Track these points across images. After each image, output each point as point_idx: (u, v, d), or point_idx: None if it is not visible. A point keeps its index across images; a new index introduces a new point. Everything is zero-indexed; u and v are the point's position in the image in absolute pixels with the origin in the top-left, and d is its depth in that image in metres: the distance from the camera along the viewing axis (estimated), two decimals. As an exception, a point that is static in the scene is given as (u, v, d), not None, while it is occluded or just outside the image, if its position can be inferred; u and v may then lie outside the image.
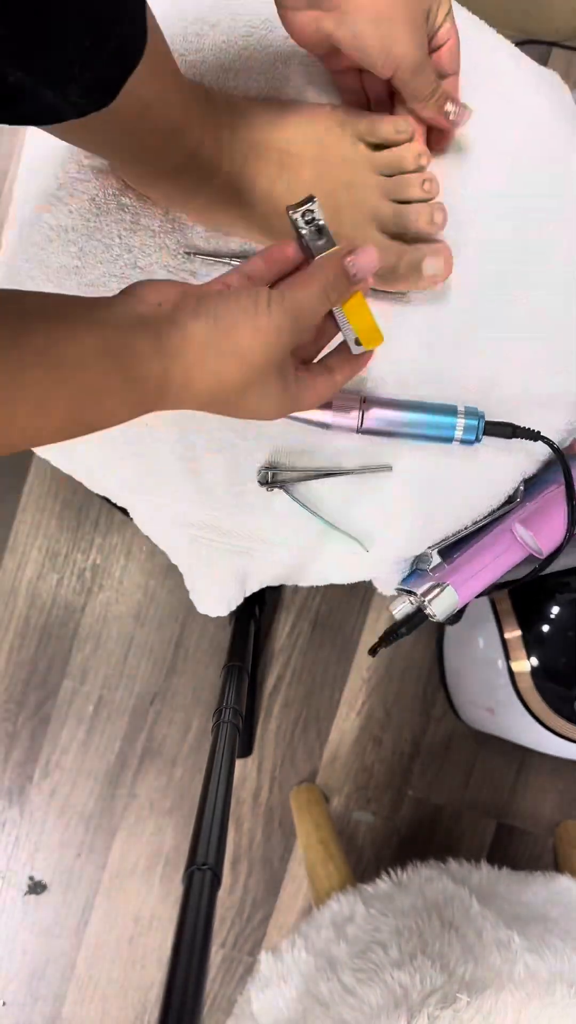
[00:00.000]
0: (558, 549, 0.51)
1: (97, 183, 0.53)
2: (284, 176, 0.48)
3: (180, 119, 0.42)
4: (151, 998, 1.20)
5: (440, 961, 0.63)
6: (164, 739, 1.19)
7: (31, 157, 0.55)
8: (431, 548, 0.57)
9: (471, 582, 0.52)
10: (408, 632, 0.53)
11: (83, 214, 0.53)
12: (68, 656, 1.18)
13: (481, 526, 0.57)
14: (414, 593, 0.53)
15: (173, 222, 0.53)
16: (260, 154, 0.47)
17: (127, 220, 0.53)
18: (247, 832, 1.19)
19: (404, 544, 0.57)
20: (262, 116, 0.48)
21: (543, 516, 0.52)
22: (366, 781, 1.20)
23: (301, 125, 0.49)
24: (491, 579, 0.53)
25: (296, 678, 1.19)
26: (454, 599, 0.52)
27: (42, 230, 0.53)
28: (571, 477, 0.50)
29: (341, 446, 0.55)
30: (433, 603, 0.52)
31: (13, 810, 1.19)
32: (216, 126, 0.45)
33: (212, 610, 0.62)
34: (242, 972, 1.20)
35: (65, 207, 0.53)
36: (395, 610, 0.55)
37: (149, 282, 0.38)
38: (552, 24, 1.10)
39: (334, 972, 0.67)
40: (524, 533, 0.52)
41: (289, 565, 0.59)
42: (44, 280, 0.54)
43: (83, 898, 1.19)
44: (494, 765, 1.21)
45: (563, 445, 0.58)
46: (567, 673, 0.96)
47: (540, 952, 0.64)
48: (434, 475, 0.55)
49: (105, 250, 0.53)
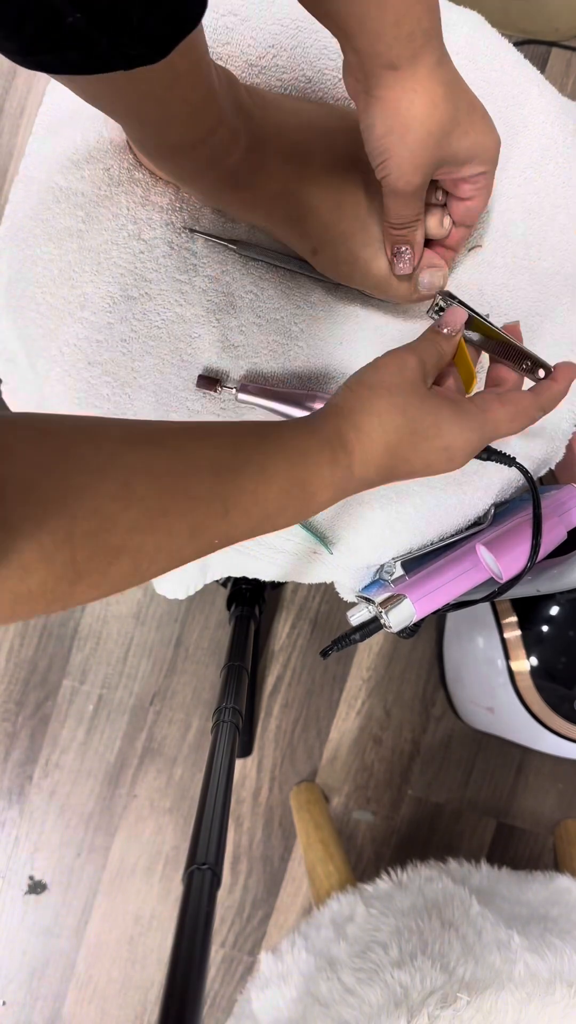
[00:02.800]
0: (518, 576, 0.51)
1: (114, 154, 0.53)
2: (293, 163, 0.48)
3: (205, 95, 0.42)
4: (151, 998, 1.20)
5: (440, 961, 0.63)
6: (164, 739, 1.19)
7: (50, 117, 0.55)
8: (395, 559, 0.57)
9: (430, 597, 0.52)
10: (362, 639, 0.53)
11: (95, 181, 0.53)
12: (68, 656, 1.18)
13: (447, 544, 0.57)
14: (372, 602, 0.53)
15: (183, 201, 0.54)
16: (273, 140, 0.48)
17: (138, 194, 0.53)
18: (247, 832, 1.19)
19: (368, 551, 0.57)
20: (281, 105, 0.49)
21: (508, 541, 0.51)
22: (366, 780, 1.20)
23: (317, 119, 0.49)
24: (450, 597, 0.53)
25: (296, 678, 1.19)
26: (411, 612, 0.52)
27: (52, 190, 0.53)
28: (540, 507, 0.50)
29: None
30: (390, 614, 0.52)
31: (13, 810, 1.19)
32: (236, 108, 0.46)
33: (171, 592, 0.62)
34: (242, 972, 1.20)
35: (79, 171, 0.53)
36: (352, 616, 0.55)
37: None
38: (552, 24, 1.10)
39: (334, 972, 0.67)
40: (487, 556, 0.52)
41: (251, 557, 0.59)
42: (45, 239, 0.53)
43: (83, 898, 1.19)
44: (494, 765, 1.21)
45: (537, 474, 0.58)
46: (567, 673, 0.96)
47: (540, 952, 0.64)
48: (408, 486, 0.56)
49: (112, 219, 0.53)
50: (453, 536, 0.57)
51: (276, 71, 0.53)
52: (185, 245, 0.54)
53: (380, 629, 0.53)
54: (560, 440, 0.58)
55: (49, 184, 0.53)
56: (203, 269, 0.54)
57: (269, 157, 0.48)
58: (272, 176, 0.48)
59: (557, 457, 0.59)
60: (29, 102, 1.16)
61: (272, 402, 0.52)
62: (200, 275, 0.54)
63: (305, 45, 0.53)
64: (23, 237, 0.54)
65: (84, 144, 0.53)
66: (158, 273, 0.53)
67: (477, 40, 0.55)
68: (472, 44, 0.54)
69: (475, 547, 0.54)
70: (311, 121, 0.49)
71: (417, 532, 0.57)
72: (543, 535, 0.50)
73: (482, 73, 0.53)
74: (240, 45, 0.53)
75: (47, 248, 0.53)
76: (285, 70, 0.53)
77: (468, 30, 0.55)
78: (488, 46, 0.55)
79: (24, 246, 0.53)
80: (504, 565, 0.51)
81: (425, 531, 0.57)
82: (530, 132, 0.54)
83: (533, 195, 0.54)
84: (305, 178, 0.48)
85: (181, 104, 0.42)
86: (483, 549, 0.52)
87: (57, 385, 0.55)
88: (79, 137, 0.53)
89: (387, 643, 1.19)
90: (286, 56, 0.53)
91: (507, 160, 0.54)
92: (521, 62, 0.56)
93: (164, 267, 0.53)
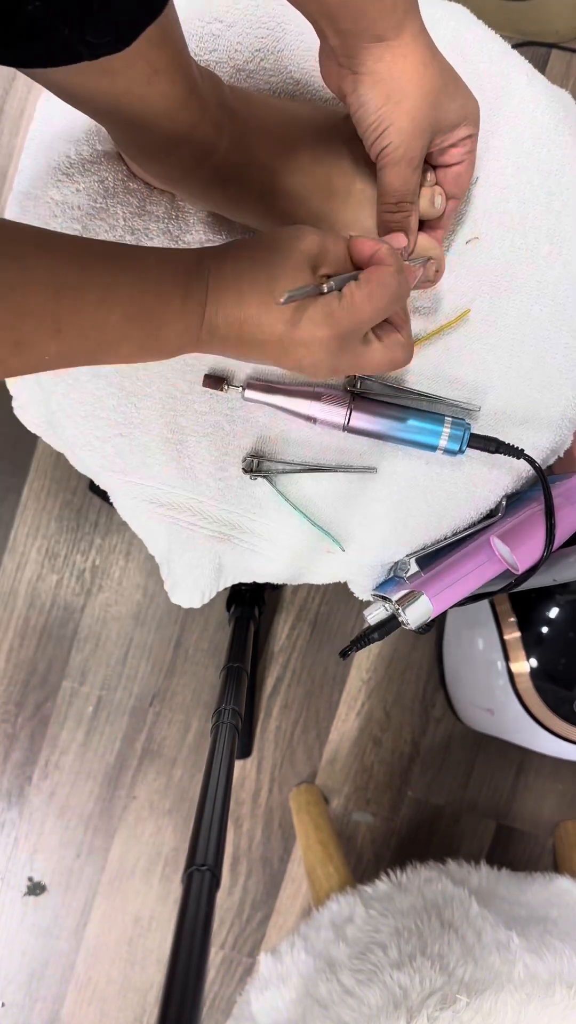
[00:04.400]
0: (534, 566, 0.51)
1: (108, 166, 0.53)
2: (280, 159, 0.48)
3: (184, 92, 0.42)
4: (150, 999, 1.20)
5: (440, 962, 0.63)
6: (163, 740, 1.19)
7: (41, 132, 0.55)
8: (409, 556, 0.57)
9: (446, 593, 0.52)
10: (380, 638, 0.53)
11: (90, 194, 0.53)
12: (67, 657, 1.18)
13: (461, 538, 0.57)
14: (389, 600, 0.53)
15: (178, 210, 0.54)
16: (259, 136, 0.47)
17: (133, 204, 0.53)
18: (247, 833, 1.19)
19: (382, 548, 0.57)
20: (265, 102, 0.49)
21: (522, 533, 0.51)
22: (366, 782, 1.20)
23: (302, 115, 0.49)
24: (466, 591, 0.53)
25: (296, 679, 1.19)
26: (428, 608, 0.52)
27: (47, 205, 0.54)
28: (551, 497, 0.50)
29: (327, 443, 0.55)
30: (407, 611, 0.52)
31: (12, 811, 1.19)
32: (219, 105, 0.46)
33: (186, 600, 0.62)
34: (241, 973, 1.20)
35: (73, 185, 0.53)
36: (369, 615, 0.55)
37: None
38: (552, 26, 1.10)
39: (333, 973, 0.67)
40: (502, 548, 0.52)
41: (265, 558, 0.59)
42: None
43: (82, 899, 1.19)
44: (494, 766, 1.21)
45: (546, 465, 0.58)
46: (566, 674, 0.96)
47: (540, 953, 0.64)
48: (418, 482, 0.56)
49: (109, 231, 0.53)
50: (466, 530, 0.57)
51: (264, 74, 0.53)
52: None
53: (398, 627, 0.53)
54: (567, 428, 0.58)
55: (45, 199, 0.53)
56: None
57: (255, 153, 0.47)
58: (259, 172, 0.48)
59: (565, 445, 0.59)
60: (29, 103, 1.16)
61: (279, 398, 0.52)
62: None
63: (292, 47, 0.53)
64: None
65: (77, 157, 0.53)
66: None
67: (464, 33, 0.55)
68: (459, 37, 0.54)
69: (489, 540, 0.53)
70: (296, 117, 0.49)
71: (429, 528, 0.57)
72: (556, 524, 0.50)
73: (471, 66, 0.53)
74: (227, 51, 0.53)
75: None
76: (272, 73, 0.53)
77: (455, 24, 0.55)
78: (475, 38, 0.55)
79: None
80: (519, 556, 0.51)
81: (438, 526, 0.57)
82: (521, 121, 0.54)
83: (526, 183, 0.54)
84: (293, 173, 0.48)
85: (161, 99, 0.41)
86: (498, 542, 0.52)
87: (63, 400, 0.55)
88: (72, 150, 0.53)
89: (387, 645, 1.19)
90: (273, 59, 0.53)
91: (500, 150, 0.54)
92: (508, 52, 0.56)
93: None
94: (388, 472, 0.56)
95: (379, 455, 0.55)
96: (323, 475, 0.56)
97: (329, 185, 0.49)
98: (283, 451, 0.56)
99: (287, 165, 0.48)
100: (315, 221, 0.49)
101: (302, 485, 0.56)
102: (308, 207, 0.49)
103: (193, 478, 0.56)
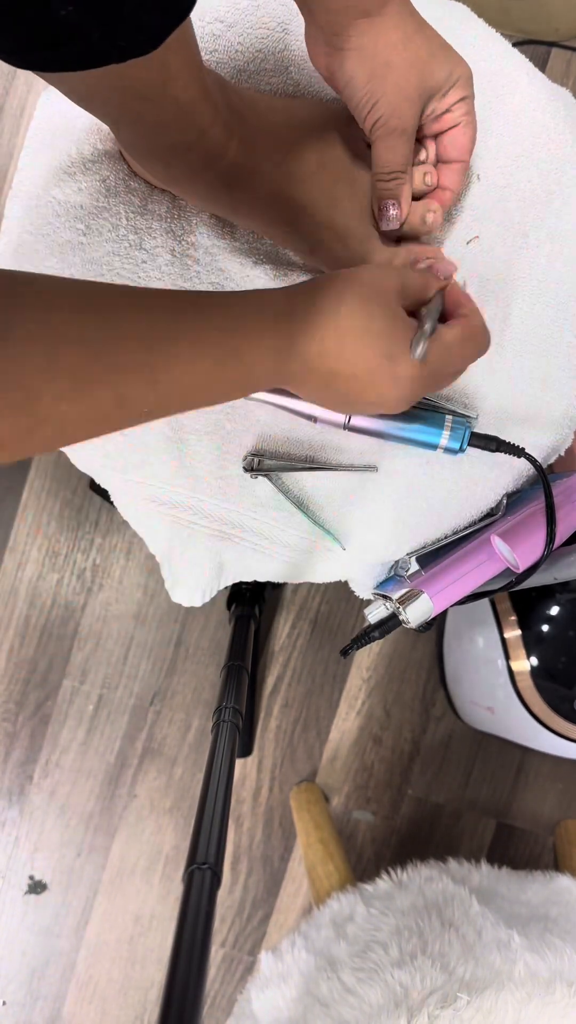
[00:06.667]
0: (535, 565, 0.51)
1: (110, 165, 0.53)
2: (287, 164, 0.48)
3: (197, 95, 0.42)
4: (151, 998, 1.20)
5: (440, 960, 0.63)
6: (164, 739, 1.19)
7: (41, 131, 0.55)
8: (410, 554, 0.57)
9: (447, 591, 0.52)
10: (381, 636, 0.53)
11: (92, 193, 0.53)
12: (68, 656, 1.18)
13: (461, 536, 0.57)
14: (390, 598, 0.53)
15: (180, 209, 0.54)
16: (266, 140, 0.47)
17: (136, 203, 0.53)
18: (247, 831, 1.19)
19: (382, 547, 0.57)
20: (272, 106, 0.49)
21: (523, 531, 0.51)
22: (366, 780, 1.20)
23: (308, 117, 0.49)
24: (467, 590, 0.53)
25: (296, 678, 1.19)
26: (429, 607, 0.52)
27: (50, 204, 0.53)
28: (552, 496, 0.50)
29: (328, 441, 0.55)
30: (408, 609, 0.52)
31: (13, 810, 1.19)
32: (228, 109, 0.46)
33: (187, 599, 0.62)
34: (242, 971, 1.20)
35: (75, 184, 0.53)
36: (370, 614, 0.55)
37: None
38: (552, 24, 1.10)
39: (334, 971, 0.67)
40: (503, 547, 0.52)
41: (266, 556, 0.59)
42: (48, 253, 0.53)
43: (83, 898, 1.19)
44: (494, 765, 1.21)
45: (547, 463, 0.58)
46: (567, 673, 0.96)
47: (540, 951, 0.64)
48: (419, 481, 0.56)
49: (112, 229, 0.53)
50: (467, 529, 0.57)
51: (265, 75, 0.53)
52: (187, 252, 0.54)
53: (399, 626, 0.53)
54: (568, 427, 0.58)
55: (47, 198, 0.53)
56: (206, 276, 0.54)
57: (262, 158, 0.47)
58: (266, 176, 0.48)
59: (566, 444, 0.59)
60: (29, 102, 1.16)
61: (280, 397, 0.52)
62: (204, 282, 0.54)
63: (293, 47, 0.53)
64: (27, 252, 0.54)
65: (78, 156, 0.53)
66: (162, 281, 0.53)
67: (464, 32, 0.55)
68: (459, 36, 0.54)
69: (489, 539, 0.54)
70: (302, 120, 0.49)
71: (430, 526, 0.57)
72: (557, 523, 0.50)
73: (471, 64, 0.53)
74: (228, 52, 0.53)
75: (51, 262, 0.53)
76: (273, 73, 0.53)
77: (455, 23, 0.55)
78: (475, 37, 0.55)
79: (28, 262, 0.54)
80: (520, 555, 0.51)
81: (438, 525, 0.57)
82: (521, 120, 0.54)
83: (527, 182, 0.54)
84: (300, 177, 0.48)
85: (174, 104, 0.42)
86: (498, 540, 0.52)
87: None
88: (73, 149, 0.53)
89: (387, 643, 1.19)
90: (274, 60, 0.53)
91: (499, 149, 0.54)
92: (509, 51, 0.56)
93: (168, 275, 0.53)
94: (389, 471, 0.56)
95: (380, 454, 0.55)
96: (324, 474, 0.56)
97: (335, 193, 0.49)
98: (284, 449, 0.56)
99: (294, 171, 0.48)
100: (319, 227, 0.50)
101: (303, 484, 0.56)
102: (313, 213, 0.49)
103: (194, 476, 0.56)
